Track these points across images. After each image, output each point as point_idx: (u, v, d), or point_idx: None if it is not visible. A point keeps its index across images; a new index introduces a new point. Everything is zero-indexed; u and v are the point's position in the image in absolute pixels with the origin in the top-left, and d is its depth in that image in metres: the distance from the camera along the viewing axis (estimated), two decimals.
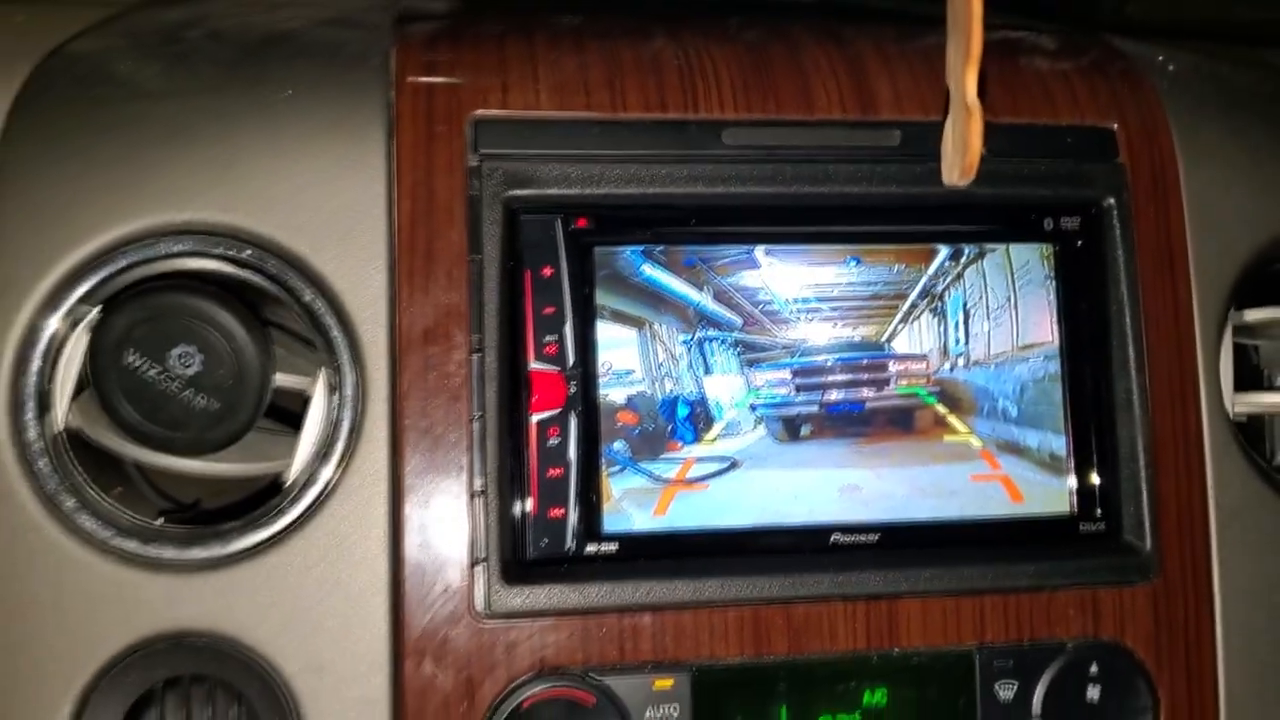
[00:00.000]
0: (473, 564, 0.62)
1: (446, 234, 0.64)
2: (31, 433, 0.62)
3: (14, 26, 0.71)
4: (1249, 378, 0.77)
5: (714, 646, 0.64)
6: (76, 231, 0.62)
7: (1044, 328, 0.70)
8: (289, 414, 0.67)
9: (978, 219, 0.70)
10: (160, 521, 0.64)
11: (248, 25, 0.71)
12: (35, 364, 0.62)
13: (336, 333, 0.64)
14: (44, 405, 0.62)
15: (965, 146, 0.61)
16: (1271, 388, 0.76)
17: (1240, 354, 0.76)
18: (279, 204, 0.63)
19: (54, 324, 0.62)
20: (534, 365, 0.64)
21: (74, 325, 0.63)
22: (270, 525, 0.62)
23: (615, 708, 0.62)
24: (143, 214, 0.62)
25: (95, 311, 0.63)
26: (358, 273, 0.64)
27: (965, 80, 0.60)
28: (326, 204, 0.64)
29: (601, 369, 0.65)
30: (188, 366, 0.60)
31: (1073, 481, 0.69)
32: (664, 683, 0.63)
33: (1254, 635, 0.70)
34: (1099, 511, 0.69)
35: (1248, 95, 0.78)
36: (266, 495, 0.65)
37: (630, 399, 0.65)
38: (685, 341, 0.66)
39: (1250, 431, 0.77)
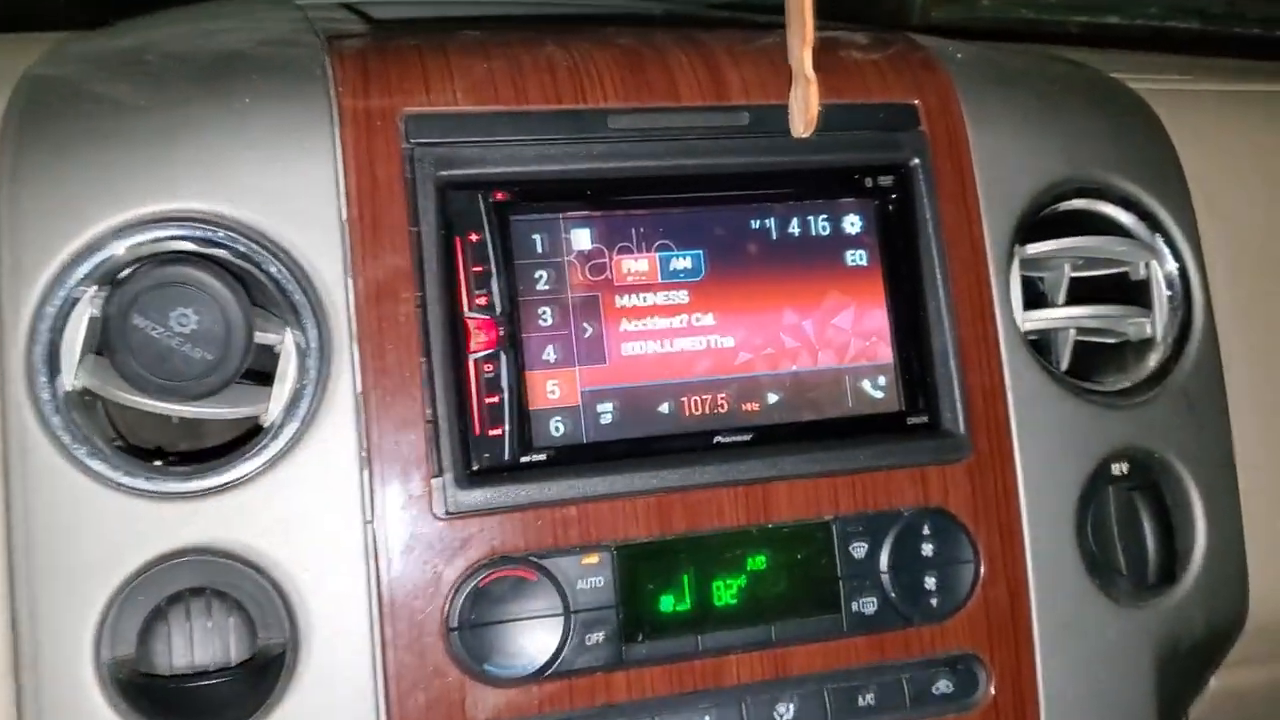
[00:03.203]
0: (431, 476, 0.76)
1: (389, 210, 0.78)
2: (45, 393, 0.73)
3: None
4: (1037, 303, 0.96)
5: (628, 529, 0.79)
6: (78, 222, 0.74)
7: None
8: (262, 376, 0.80)
9: (812, 181, 0.87)
10: (159, 463, 0.77)
11: (197, 48, 0.84)
12: (45, 335, 0.74)
13: (300, 297, 0.77)
14: (54, 369, 0.74)
15: (806, 107, 0.80)
16: (1053, 307, 0.95)
17: (1029, 285, 0.95)
18: (246, 192, 0.76)
19: (60, 299, 0.74)
20: (469, 314, 0.79)
21: (76, 302, 0.75)
22: (259, 456, 0.75)
23: (553, 581, 0.77)
24: (136, 205, 0.75)
25: (95, 289, 0.75)
26: (317, 246, 0.77)
27: (803, 58, 0.78)
28: (286, 191, 0.77)
29: (524, 314, 0.80)
30: (184, 325, 0.73)
31: (900, 384, 0.87)
32: (590, 559, 0.78)
33: (1049, 500, 0.88)
34: (922, 405, 0.86)
35: (1021, 74, 0.98)
36: (244, 440, 0.78)
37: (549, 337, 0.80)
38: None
39: (1043, 346, 0.96)
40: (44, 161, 0.75)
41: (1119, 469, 0.91)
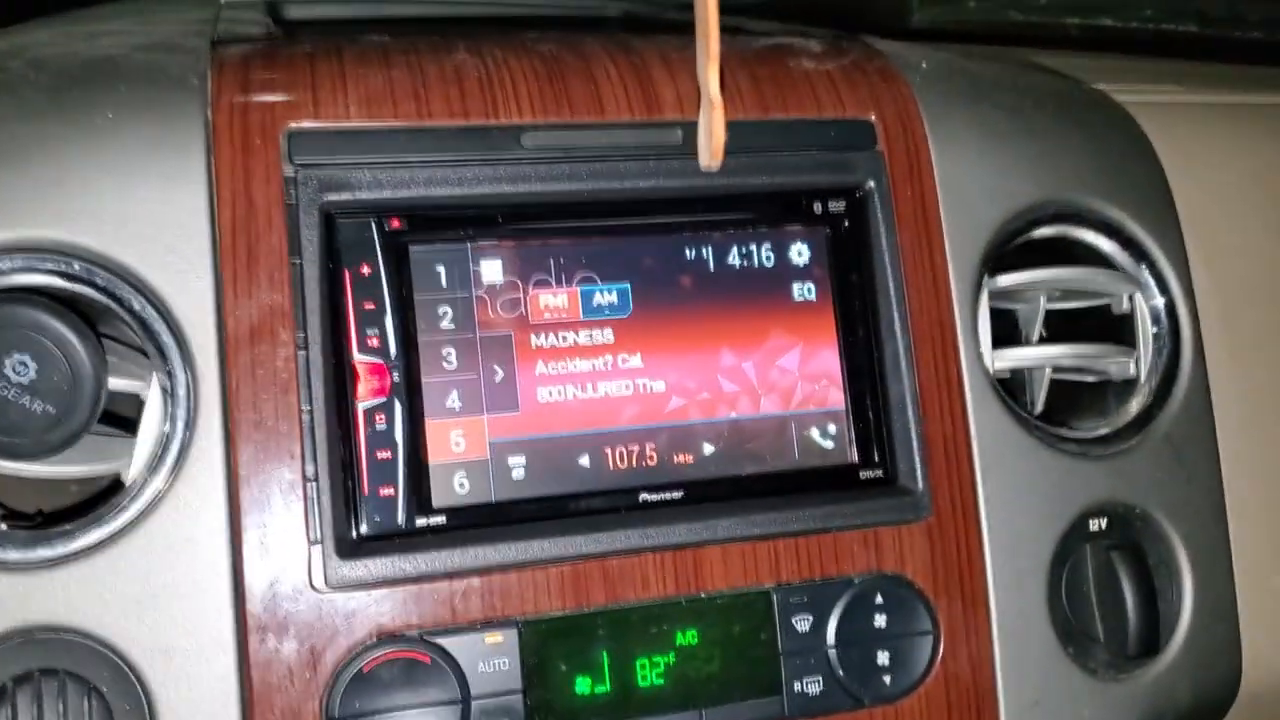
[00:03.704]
0: (310, 544, 0.67)
1: (267, 239, 0.69)
2: None
3: None
4: (1011, 337, 0.87)
5: (538, 602, 0.70)
6: None
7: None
8: (125, 420, 0.71)
9: (754, 207, 0.78)
10: (2, 526, 0.67)
11: (69, 53, 0.75)
12: None
13: (166, 337, 0.68)
14: None
15: (711, 134, 0.70)
16: (1027, 344, 0.86)
17: (1002, 316, 0.86)
18: (106, 220, 0.67)
19: None
20: (358, 357, 0.70)
21: None
22: (112, 522, 0.66)
23: (450, 665, 0.68)
24: None
25: None
26: (184, 280, 0.68)
27: (709, 78, 0.69)
28: (151, 218, 0.68)
29: (424, 356, 0.71)
30: (22, 375, 0.64)
31: (851, 433, 0.77)
32: (494, 638, 0.69)
33: (1018, 562, 0.79)
34: (876, 459, 0.77)
35: (991, 87, 0.88)
36: (105, 497, 0.69)
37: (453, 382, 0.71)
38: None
39: (1013, 387, 0.87)
40: None
41: (1097, 525, 0.82)
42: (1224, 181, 0.92)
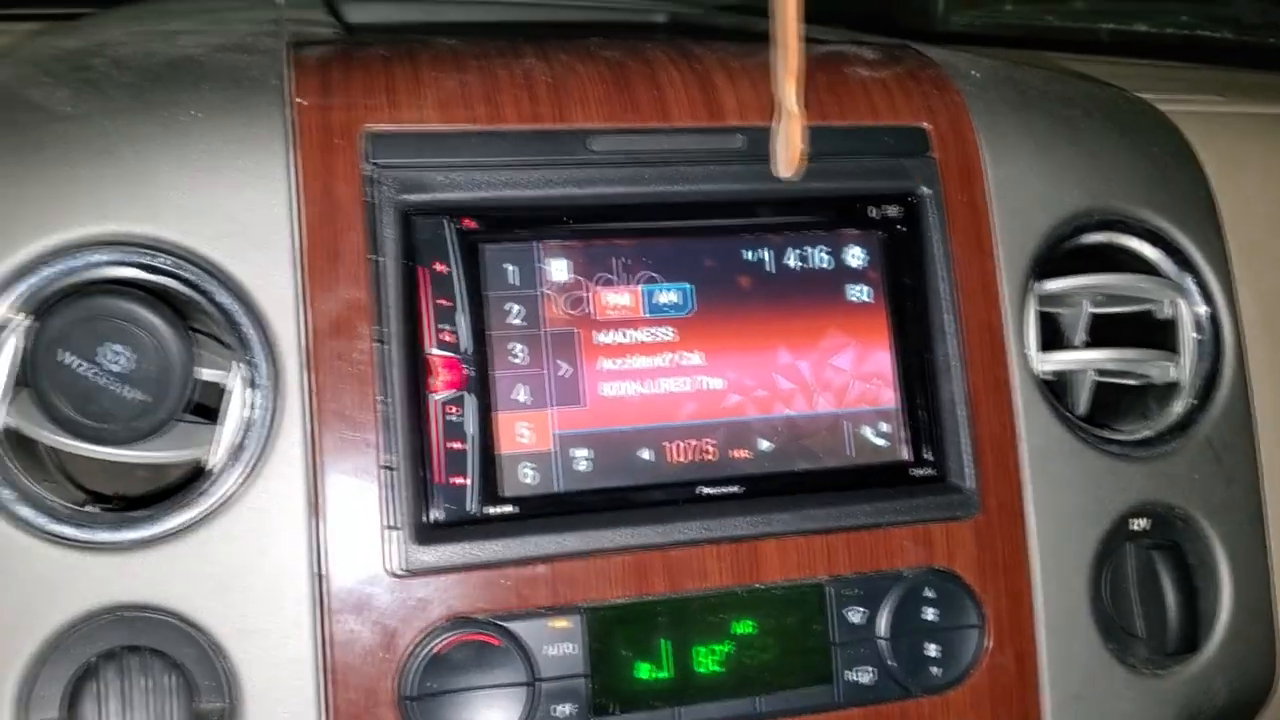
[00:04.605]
0: (386, 529, 0.70)
1: (348, 236, 0.71)
2: None
3: None
4: (1054, 341, 0.89)
5: (602, 589, 0.72)
6: (3, 244, 0.68)
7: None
8: (209, 411, 0.74)
9: (812, 210, 0.80)
10: (94, 509, 0.70)
11: (150, 52, 0.77)
12: None
13: (250, 330, 0.70)
14: None
15: (789, 144, 0.72)
16: (1071, 348, 0.88)
17: (1046, 320, 0.88)
18: (192, 215, 0.70)
19: None
20: (432, 351, 0.72)
21: (2, 331, 0.68)
22: (197, 506, 0.69)
23: (519, 648, 0.70)
24: (68, 227, 0.68)
25: (23, 318, 0.68)
26: (268, 275, 0.70)
27: (788, 90, 0.71)
28: (236, 214, 0.71)
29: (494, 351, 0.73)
30: (116, 363, 0.67)
31: (904, 432, 0.80)
32: (560, 623, 0.71)
33: (1062, 559, 0.81)
34: (927, 457, 0.80)
35: (1040, 95, 0.90)
36: (186, 483, 0.72)
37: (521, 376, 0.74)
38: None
39: (1058, 388, 0.89)
40: None
41: (1138, 525, 0.84)
42: (1267, 191, 0.94)
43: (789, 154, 0.73)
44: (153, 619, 0.68)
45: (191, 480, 0.71)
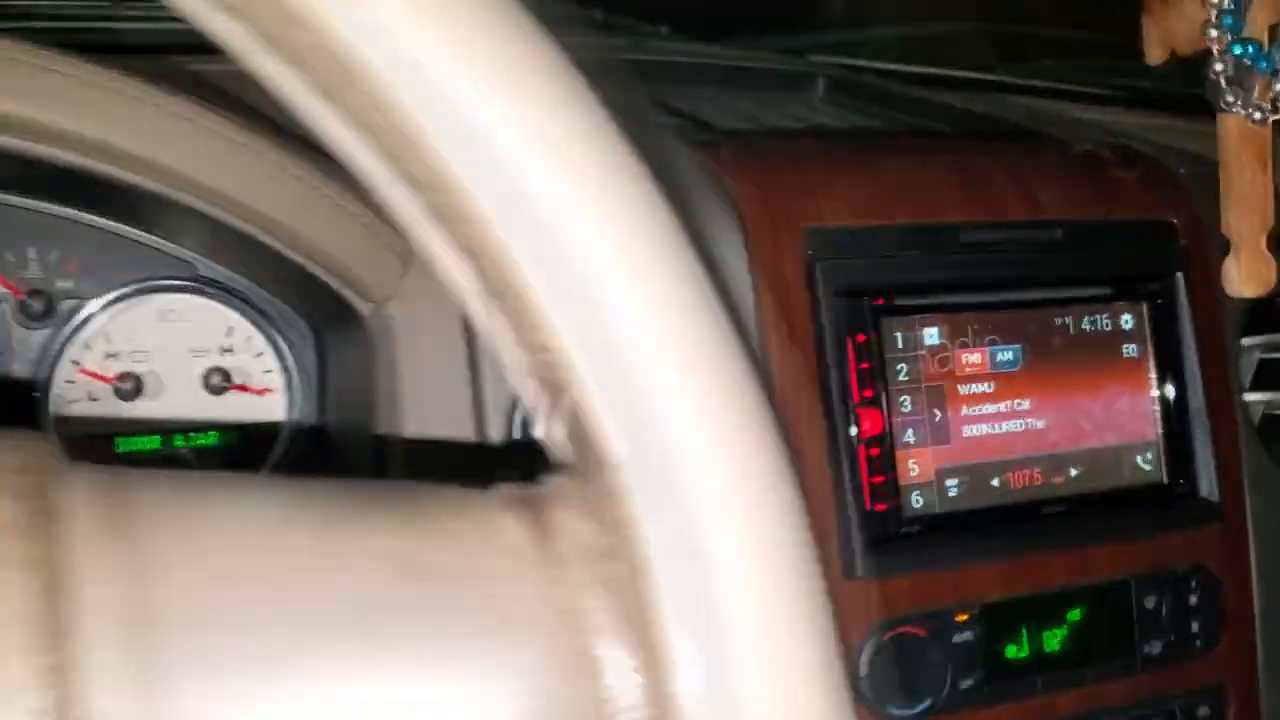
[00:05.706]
0: (841, 544, 0.89)
1: (797, 314, 0.90)
2: None
3: None
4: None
5: (985, 590, 0.93)
6: None
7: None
8: None
9: (1101, 286, 1.02)
10: None
11: None
12: None
13: None
14: None
15: (1239, 268, 1.00)
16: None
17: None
18: None
19: None
20: (859, 405, 0.91)
21: None
22: None
23: (937, 636, 0.91)
24: None
25: None
26: None
27: (1259, 242, 0.98)
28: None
29: (897, 405, 0.93)
30: None
31: (1165, 459, 1.03)
32: (962, 616, 0.92)
33: (1271, 556, 1.06)
34: (1184, 480, 1.03)
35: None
36: None
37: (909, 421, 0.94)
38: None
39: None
40: None
41: None
42: None
43: (1241, 275, 1.02)
44: None
45: None
